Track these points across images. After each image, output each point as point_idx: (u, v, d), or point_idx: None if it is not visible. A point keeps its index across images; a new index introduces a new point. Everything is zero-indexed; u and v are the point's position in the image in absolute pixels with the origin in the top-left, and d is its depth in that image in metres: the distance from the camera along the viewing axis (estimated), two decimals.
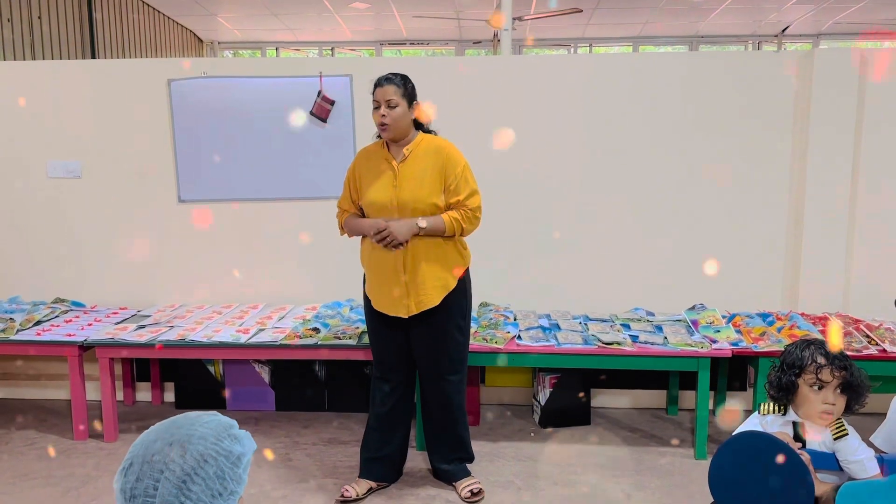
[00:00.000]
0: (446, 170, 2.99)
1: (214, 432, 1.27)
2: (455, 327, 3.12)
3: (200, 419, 1.30)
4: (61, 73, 4.33)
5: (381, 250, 3.00)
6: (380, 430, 3.22)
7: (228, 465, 1.25)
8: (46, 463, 3.53)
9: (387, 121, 2.94)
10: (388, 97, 2.93)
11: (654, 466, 3.48)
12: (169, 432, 1.26)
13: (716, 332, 3.64)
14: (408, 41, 11.68)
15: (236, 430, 1.31)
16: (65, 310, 4.18)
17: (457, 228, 2.99)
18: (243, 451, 1.29)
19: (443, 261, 3.03)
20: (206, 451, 1.24)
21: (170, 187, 4.27)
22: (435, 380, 3.15)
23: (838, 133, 3.97)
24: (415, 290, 3.00)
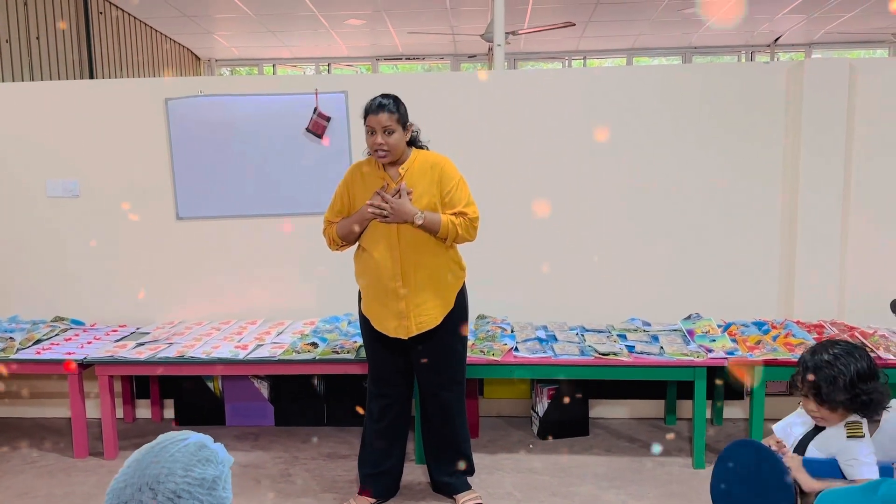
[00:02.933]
0: (441, 183, 3.00)
1: (183, 463, 1.25)
2: (456, 340, 3.14)
3: (166, 451, 1.27)
4: (59, 94, 4.37)
5: (377, 269, 2.98)
6: (377, 445, 3.22)
7: (204, 492, 1.24)
8: (47, 481, 3.54)
9: (386, 147, 2.93)
10: (384, 124, 2.91)
11: (652, 476, 3.49)
12: (137, 475, 1.24)
13: (711, 342, 3.66)
14: (403, 56, 11.76)
15: (208, 449, 1.29)
16: (64, 328, 4.20)
17: (452, 232, 2.96)
18: (218, 472, 1.28)
19: (442, 280, 3.03)
20: (178, 488, 1.22)
21: (168, 205, 4.31)
22: (437, 393, 3.16)
23: (830, 142, 4.00)
24: (415, 310, 2.99)
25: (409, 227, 2.94)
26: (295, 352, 3.70)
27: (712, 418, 4.14)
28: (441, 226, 2.95)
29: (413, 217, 2.90)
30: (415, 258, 2.97)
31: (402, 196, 2.91)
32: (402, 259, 2.97)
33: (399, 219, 2.91)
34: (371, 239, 3.02)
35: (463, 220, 3.00)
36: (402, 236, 2.96)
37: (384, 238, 2.98)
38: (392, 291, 2.99)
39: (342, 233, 3.08)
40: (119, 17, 8.54)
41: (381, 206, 2.90)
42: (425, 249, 2.99)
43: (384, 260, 2.98)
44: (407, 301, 2.99)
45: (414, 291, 2.98)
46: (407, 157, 3.04)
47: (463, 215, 3.00)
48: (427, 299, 3.00)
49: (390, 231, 2.96)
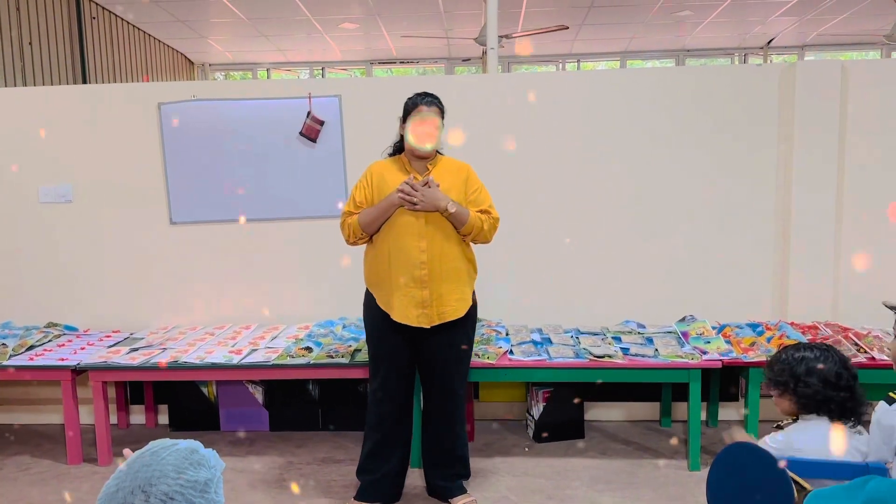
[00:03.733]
0: (468, 183, 3.10)
1: (175, 466, 1.25)
2: (467, 341, 3.19)
3: (158, 455, 1.27)
4: (52, 99, 4.37)
5: (403, 260, 2.99)
6: (378, 450, 3.20)
7: (197, 493, 1.24)
8: (40, 488, 3.52)
9: (434, 141, 3.03)
10: (432, 117, 3.02)
11: (648, 479, 3.49)
12: (129, 479, 1.24)
13: (706, 344, 3.66)
14: (398, 60, 11.77)
15: (199, 453, 1.29)
16: (57, 334, 4.18)
17: (477, 226, 3.04)
18: (210, 475, 1.28)
19: (461, 275, 3.09)
20: (170, 489, 1.22)
21: (161, 210, 4.30)
22: (445, 394, 3.17)
23: (823, 144, 4.02)
24: (438, 300, 3.02)
25: (437, 218, 2.99)
26: (289, 356, 3.69)
27: (707, 420, 4.15)
28: (469, 218, 3.01)
29: (446, 204, 2.95)
30: (441, 248, 3.01)
31: (433, 186, 2.97)
32: (428, 248, 3.00)
33: (430, 206, 2.95)
34: (397, 227, 3.02)
35: (488, 218, 3.08)
36: (430, 225, 3.00)
37: (412, 226, 3.00)
38: (417, 279, 3.00)
39: (365, 221, 3.05)
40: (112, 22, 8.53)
41: (410, 193, 2.94)
42: (450, 241, 3.04)
43: (411, 248, 2.99)
44: (431, 290, 3.01)
45: (437, 281, 3.01)
46: (433, 158, 3.12)
47: (487, 214, 3.09)
48: (450, 290, 3.04)
49: (417, 219, 2.99)
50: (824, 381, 2.29)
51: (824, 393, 2.29)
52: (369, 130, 4.18)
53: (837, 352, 2.43)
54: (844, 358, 2.40)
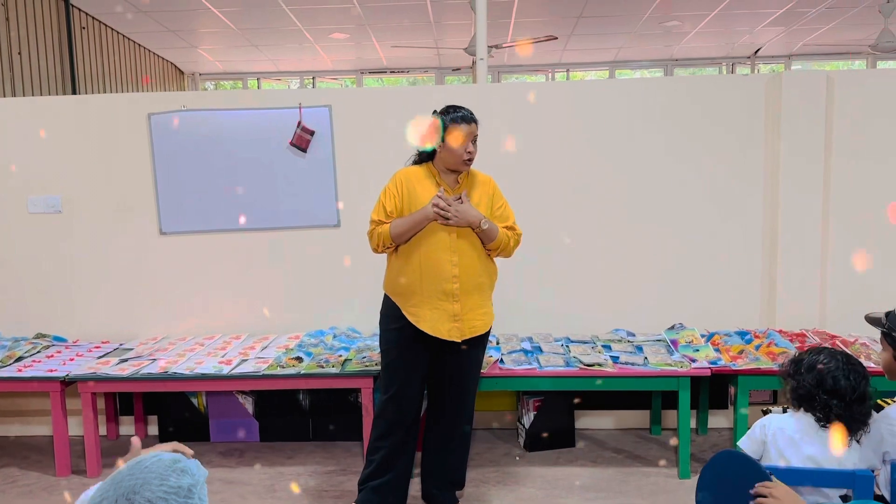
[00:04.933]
0: (494, 198, 3.14)
1: (158, 474, 1.25)
2: (483, 351, 3.25)
3: (141, 465, 1.27)
4: (41, 109, 4.36)
5: (435, 274, 2.99)
6: (381, 465, 3.14)
7: (180, 500, 1.24)
8: (28, 500, 3.50)
9: (473, 157, 3.06)
10: (474, 133, 3.05)
11: (638, 486, 3.50)
12: (112, 489, 1.24)
13: (695, 352, 3.68)
14: (388, 70, 11.80)
15: (182, 462, 1.30)
16: (46, 345, 4.16)
17: (504, 242, 3.08)
18: (193, 481, 1.27)
19: (486, 289, 3.13)
20: (154, 496, 1.22)
21: (151, 220, 4.29)
22: (457, 407, 3.17)
23: (809, 154, 4.06)
24: (469, 314, 3.04)
25: (468, 232, 3.02)
26: (279, 366, 3.69)
27: (697, 428, 4.16)
28: (498, 235, 3.05)
29: (479, 220, 2.99)
30: (471, 262, 3.04)
31: (465, 201, 3.00)
32: (460, 262, 3.02)
33: (464, 222, 2.98)
34: (427, 240, 3.01)
35: (514, 235, 3.13)
36: (461, 240, 3.01)
37: (444, 240, 3.00)
38: (448, 293, 3.01)
39: (398, 231, 3.03)
40: (102, 32, 8.52)
41: (446, 207, 2.96)
42: (478, 256, 3.06)
43: (443, 262, 2.99)
44: (462, 304, 3.02)
45: (468, 295, 3.04)
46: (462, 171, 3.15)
47: (513, 230, 3.14)
48: (478, 304, 3.08)
49: (450, 233, 3.00)
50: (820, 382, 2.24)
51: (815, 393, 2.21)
52: (360, 141, 4.21)
53: (851, 362, 2.28)
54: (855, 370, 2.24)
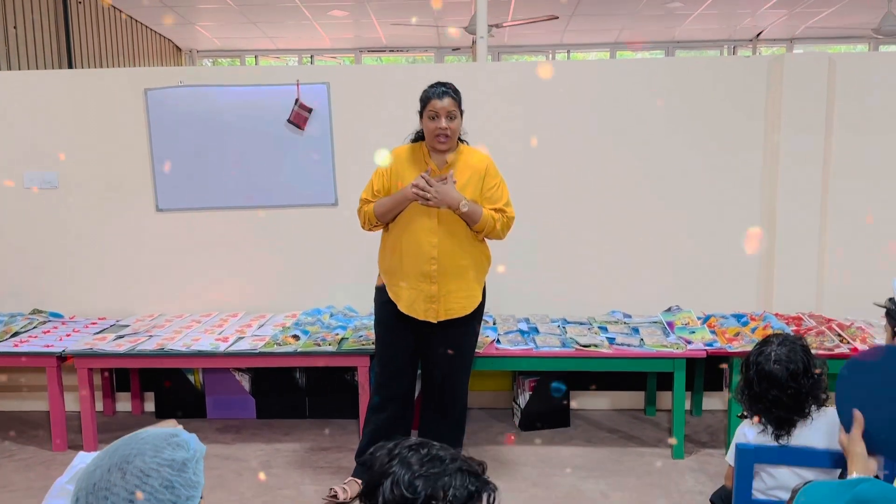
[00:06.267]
0: (486, 179, 3.08)
1: (153, 445, 1.25)
2: (473, 333, 3.22)
3: (138, 436, 1.28)
4: (37, 84, 4.32)
5: (414, 251, 3.00)
6: (380, 433, 3.16)
7: (174, 472, 1.24)
8: (25, 474, 3.51)
9: (448, 133, 2.99)
10: (448, 109, 2.98)
11: (632, 467, 3.52)
12: (107, 458, 1.25)
13: (691, 333, 3.69)
14: (387, 48, 11.72)
15: (179, 436, 1.30)
16: (43, 321, 4.16)
17: (490, 225, 3.03)
18: (188, 455, 1.28)
19: (470, 273, 3.09)
20: (146, 466, 1.22)
21: (147, 196, 4.27)
22: (445, 387, 3.19)
23: (809, 136, 4.04)
24: (446, 296, 3.04)
25: (450, 214, 2.98)
26: (276, 344, 3.69)
27: (692, 409, 4.18)
28: (482, 217, 3.00)
29: (458, 203, 2.94)
30: (452, 244, 3.02)
31: (449, 182, 2.95)
32: (439, 244, 3.00)
33: (443, 203, 2.94)
34: (411, 220, 3.02)
35: (501, 217, 3.07)
36: (443, 221, 3.00)
37: (425, 221, 3.00)
38: (426, 275, 3.01)
39: (380, 211, 3.06)
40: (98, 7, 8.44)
41: (425, 188, 2.92)
42: (462, 238, 3.04)
43: (423, 243, 3.00)
44: (439, 286, 3.02)
45: (447, 277, 3.02)
46: (454, 148, 3.09)
47: (502, 212, 3.08)
48: (459, 287, 3.06)
49: (430, 214, 2.99)
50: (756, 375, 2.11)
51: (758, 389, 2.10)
52: (358, 118, 4.18)
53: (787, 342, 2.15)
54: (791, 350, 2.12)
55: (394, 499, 1.20)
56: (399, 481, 1.21)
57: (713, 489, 2.63)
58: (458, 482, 1.23)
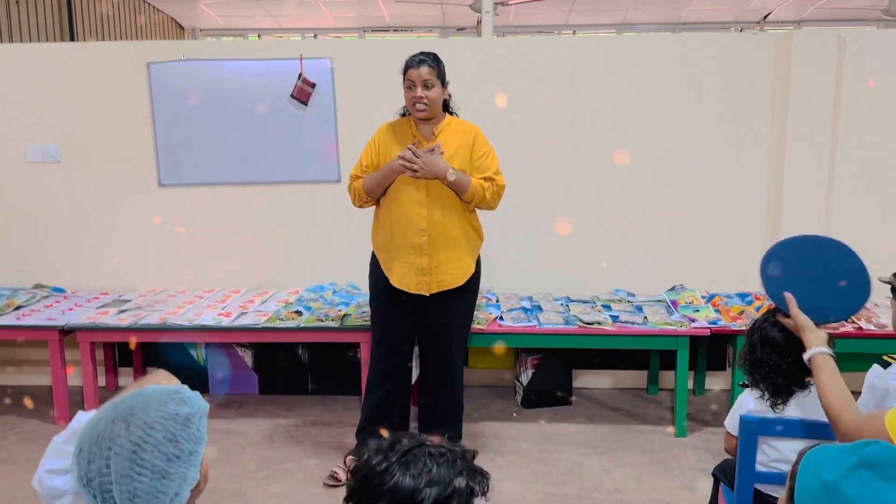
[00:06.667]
0: (474, 148, 3.04)
1: (157, 400, 1.25)
2: (467, 306, 3.20)
3: (142, 391, 1.28)
4: (39, 56, 4.28)
5: (404, 223, 2.99)
6: (375, 414, 3.21)
7: (178, 426, 1.23)
8: (28, 447, 3.52)
9: (425, 101, 2.95)
10: (424, 77, 2.93)
11: (634, 444, 3.52)
12: (111, 410, 1.24)
13: (695, 312, 3.68)
14: (391, 28, 11.62)
15: (183, 393, 1.29)
16: (45, 295, 4.15)
17: (479, 194, 2.99)
18: (192, 411, 1.27)
19: (463, 242, 3.07)
20: (151, 419, 1.22)
21: (150, 171, 4.25)
22: (442, 361, 3.17)
23: (817, 116, 3.99)
24: (437, 268, 3.02)
25: (438, 185, 2.96)
26: (279, 319, 3.68)
27: (694, 388, 4.18)
28: (470, 186, 2.97)
29: (445, 173, 2.91)
30: (441, 216, 3.00)
31: (436, 153, 2.92)
32: (428, 216, 2.98)
33: (430, 174, 2.91)
34: (399, 193, 3.00)
35: (491, 186, 3.03)
36: (431, 193, 2.97)
37: (413, 193, 2.98)
38: (416, 247, 3.00)
39: (369, 186, 3.05)
40: None
41: (411, 159, 2.90)
42: (452, 210, 3.01)
43: (412, 215, 2.98)
44: (430, 257, 3.00)
45: (437, 249, 3.00)
46: (441, 120, 3.06)
47: (491, 181, 3.04)
48: (449, 259, 3.03)
49: (419, 186, 2.97)
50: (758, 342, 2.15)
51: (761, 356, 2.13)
52: (361, 94, 4.15)
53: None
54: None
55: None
56: (401, 489, 1.16)
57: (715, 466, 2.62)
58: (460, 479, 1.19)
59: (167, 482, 1.22)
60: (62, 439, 1.39)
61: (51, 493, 1.35)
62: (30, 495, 3.05)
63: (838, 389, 1.74)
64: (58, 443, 1.39)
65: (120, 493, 1.20)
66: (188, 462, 1.25)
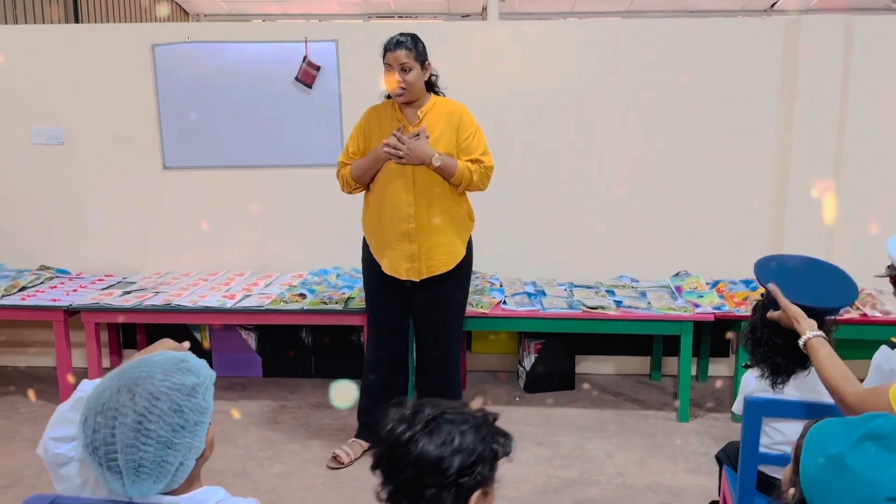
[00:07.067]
0: (460, 130, 3.00)
1: (163, 369, 1.25)
2: (460, 291, 3.18)
3: (148, 360, 1.27)
4: (44, 38, 4.27)
5: (392, 210, 2.97)
6: (374, 396, 3.22)
7: (183, 397, 1.24)
8: (32, 426, 3.54)
9: (403, 86, 2.90)
10: (401, 61, 2.88)
11: (636, 428, 3.52)
12: (116, 379, 1.25)
13: (699, 298, 3.67)
14: (396, 14, 11.57)
15: (189, 362, 1.29)
16: (50, 276, 4.16)
17: (467, 177, 2.97)
18: (198, 381, 1.27)
19: (453, 227, 3.04)
20: (156, 389, 1.22)
21: (154, 154, 4.24)
22: (438, 345, 3.17)
23: (824, 102, 3.97)
24: (426, 253, 3.00)
25: (425, 171, 2.94)
26: (283, 302, 3.69)
27: (697, 375, 4.18)
28: (457, 170, 2.94)
29: (431, 158, 2.88)
30: (429, 201, 2.97)
31: (421, 138, 2.89)
32: (416, 202, 2.96)
33: (416, 160, 2.89)
34: (386, 180, 2.99)
35: (478, 168, 3.00)
36: (418, 179, 2.95)
37: (400, 179, 2.96)
38: (405, 233, 2.98)
39: (356, 174, 3.04)
40: None
41: (396, 146, 2.88)
42: (440, 194, 2.99)
43: (399, 202, 2.96)
44: (419, 243, 2.99)
45: (426, 234, 2.98)
46: (426, 102, 3.02)
47: (479, 163, 3.01)
48: (439, 244, 3.01)
49: (405, 172, 2.95)
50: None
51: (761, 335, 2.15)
52: (366, 77, 4.10)
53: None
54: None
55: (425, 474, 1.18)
56: (426, 457, 1.18)
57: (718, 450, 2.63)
58: (484, 444, 1.22)
59: (172, 452, 1.23)
60: (67, 407, 1.39)
61: (57, 460, 1.36)
62: (36, 472, 3.08)
63: (837, 366, 1.76)
64: (63, 411, 1.40)
65: (125, 463, 1.20)
66: (193, 432, 1.25)
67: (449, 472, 1.17)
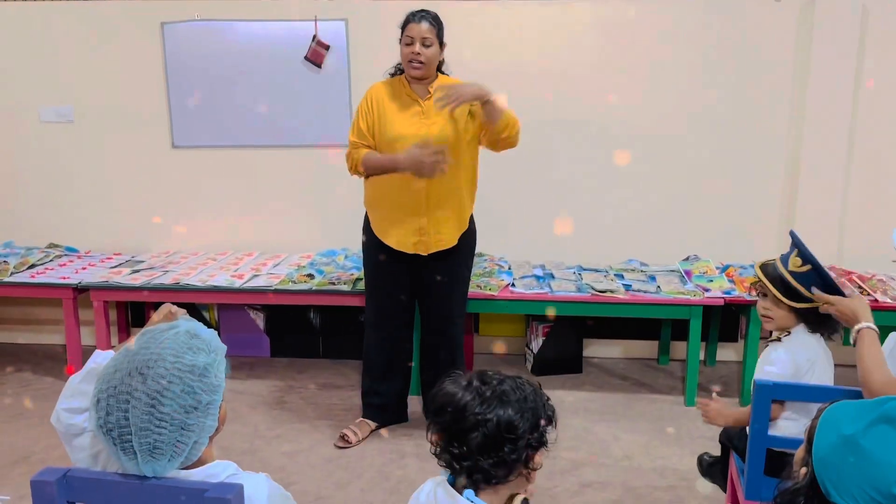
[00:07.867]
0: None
1: (173, 350, 1.24)
2: (465, 267, 3.18)
3: (156, 339, 1.26)
4: (53, 15, 4.25)
5: (398, 190, 2.94)
6: (377, 377, 3.24)
7: (194, 378, 1.23)
8: (41, 403, 3.56)
9: (422, 59, 2.88)
10: (423, 35, 2.87)
11: (643, 411, 3.52)
12: (127, 361, 1.24)
13: (709, 282, 3.66)
14: None
15: (199, 338, 1.28)
16: (59, 254, 4.17)
17: (513, 120, 2.93)
18: (209, 360, 1.27)
19: (457, 202, 3.04)
20: (168, 373, 1.22)
21: (163, 133, 4.24)
22: (442, 321, 3.17)
23: (838, 84, 3.92)
24: (435, 226, 2.99)
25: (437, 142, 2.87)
26: (291, 282, 3.69)
27: (706, 359, 4.17)
28: (506, 111, 2.89)
29: (485, 91, 2.80)
30: (440, 189, 2.95)
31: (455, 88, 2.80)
32: (428, 189, 2.94)
33: (470, 97, 2.79)
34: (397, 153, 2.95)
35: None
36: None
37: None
38: (415, 207, 2.96)
39: (370, 165, 2.97)
40: None
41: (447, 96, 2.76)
42: (448, 181, 2.94)
43: (408, 176, 2.91)
44: (429, 217, 2.98)
45: (435, 208, 2.97)
46: (434, 80, 3.01)
47: None
48: (447, 217, 3.01)
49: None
50: None
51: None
52: (376, 56, 4.05)
53: None
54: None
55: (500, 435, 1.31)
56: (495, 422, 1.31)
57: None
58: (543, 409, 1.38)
59: (186, 433, 1.23)
60: (79, 379, 1.39)
61: (70, 431, 1.37)
62: (45, 448, 3.10)
63: (875, 355, 1.87)
64: (75, 383, 1.40)
65: (140, 445, 1.20)
66: (206, 412, 1.26)
67: (521, 433, 1.32)
